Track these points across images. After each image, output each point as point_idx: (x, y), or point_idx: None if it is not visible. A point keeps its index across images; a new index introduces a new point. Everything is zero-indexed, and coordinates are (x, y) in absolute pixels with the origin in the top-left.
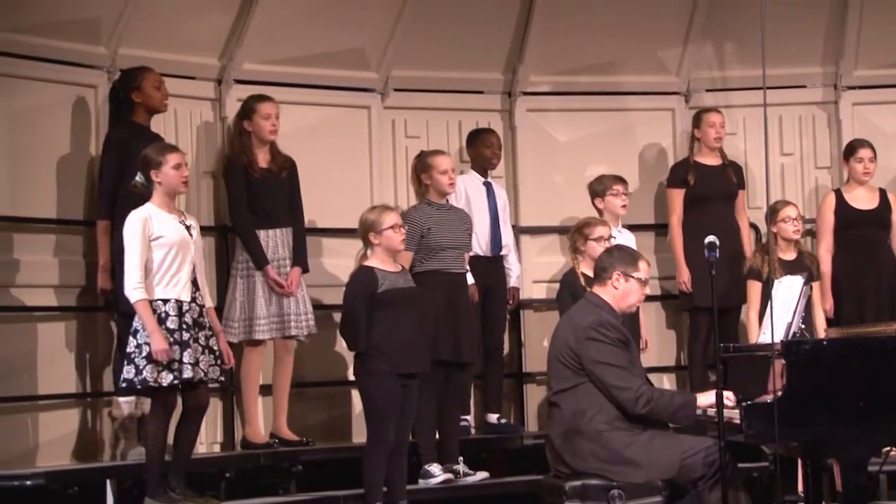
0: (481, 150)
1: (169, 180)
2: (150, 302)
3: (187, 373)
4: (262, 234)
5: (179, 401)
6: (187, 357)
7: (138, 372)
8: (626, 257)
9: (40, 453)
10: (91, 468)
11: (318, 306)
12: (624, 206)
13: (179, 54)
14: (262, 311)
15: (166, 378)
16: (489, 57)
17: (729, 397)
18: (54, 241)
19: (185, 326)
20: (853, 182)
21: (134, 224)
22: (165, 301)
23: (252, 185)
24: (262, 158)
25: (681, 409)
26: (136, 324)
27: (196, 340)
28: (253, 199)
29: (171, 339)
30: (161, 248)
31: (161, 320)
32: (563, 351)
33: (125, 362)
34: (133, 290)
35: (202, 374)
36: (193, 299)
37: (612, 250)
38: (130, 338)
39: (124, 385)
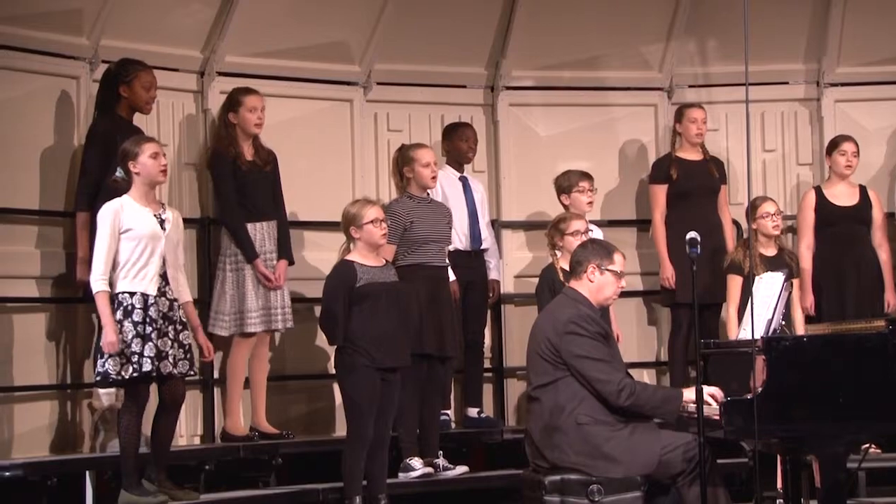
0: (457, 144)
1: (147, 170)
2: (115, 295)
3: (146, 366)
4: (249, 227)
5: (155, 394)
6: (148, 350)
7: (104, 363)
8: (600, 250)
9: (19, 444)
10: (70, 459)
11: (300, 299)
12: (590, 202)
13: (162, 46)
14: (253, 304)
15: (127, 370)
16: (472, 51)
17: (714, 395)
18: (36, 233)
19: (148, 320)
20: (834, 178)
21: (105, 216)
22: (132, 294)
23: (239, 178)
24: (247, 151)
25: (665, 404)
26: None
27: (164, 335)
28: (240, 192)
29: (135, 332)
30: (130, 241)
31: (127, 313)
32: (542, 345)
33: (98, 355)
34: (95, 280)
35: (171, 368)
36: (163, 293)
37: (586, 244)
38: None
39: (98, 378)
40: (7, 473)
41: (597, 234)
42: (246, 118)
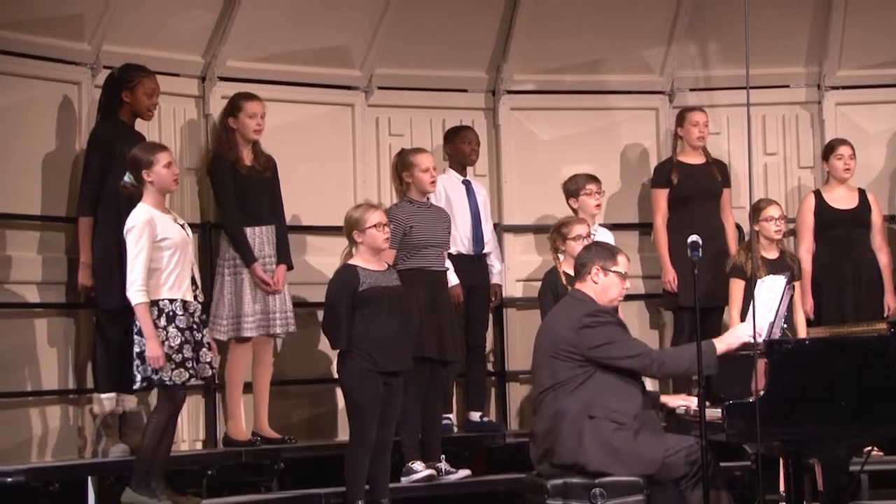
0: (460, 147)
1: (161, 179)
2: (158, 302)
3: (205, 372)
4: (248, 231)
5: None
6: (203, 356)
7: (154, 370)
8: (603, 252)
9: (21, 450)
10: (72, 465)
11: (302, 304)
12: (598, 205)
13: (163, 51)
14: (250, 309)
15: (180, 376)
16: (473, 55)
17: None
18: (38, 238)
19: (195, 326)
20: (833, 181)
21: (140, 226)
22: (172, 300)
23: (239, 183)
24: (247, 156)
25: (695, 361)
26: (139, 323)
27: (201, 338)
28: (240, 197)
29: (183, 338)
30: (167, 250)
31: (170, 319)
32: (555, 345)
33: (139, 362)
34: (136, 292)
35: (209, 372)
36: (195, 297)
37: (590, 247)
38: (137, 337)
39: (145, 384)
40: (9, 479)
41: (607, 236)
42: (245, 124)
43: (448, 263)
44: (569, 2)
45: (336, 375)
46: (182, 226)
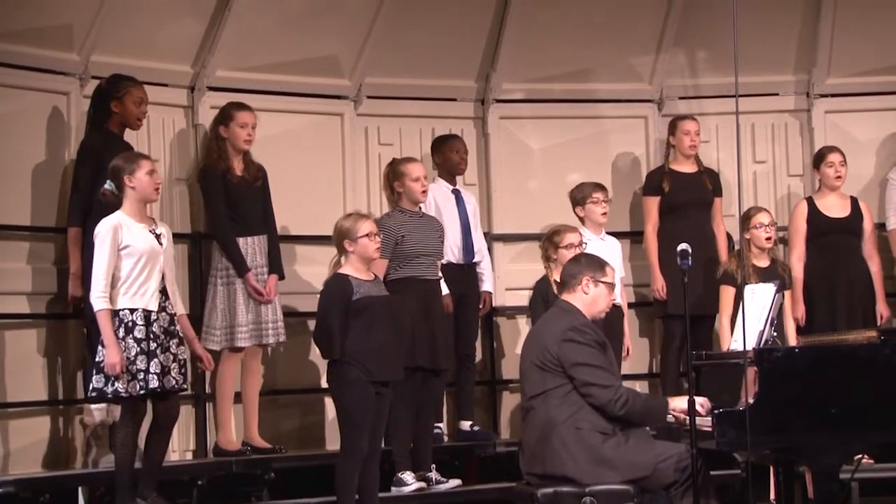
0: (449, 156)
1: (143, 187)
2: (117, 311)
3: (153, 382)
4: (240, 241)
5: (150, 408)
6: (154, 367)
7: (108, 382)
8: (593, 263)
9: (11, 461)
10: (62, 475)
11: (291, 314)
12: (604, 213)
13: (152, 61)
14: (243, 319)
15: (133, 388)
16: (462, 64)
17: (703, 404)
18: (27, 249)
19: (152, 336)
20: (825, 189)
21: (104, 232)
22: (133, 310)
23: (230, 192)
24: (237, 166)
25: (652, 412)
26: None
27: (166, 349)
28: (230, 206)
29: (139, 349)
30: (130, 258)
31: (128, 329)
32: (541, 355)
33: (94, 371)
34: (96, 298)
35: (173, 383)
36: (163, 308)
37: (578, 258)
38: (99, 347)
39: (94, 394)
40: None
41: (613, 245)
42: (236, 133)
43: (439, 273)
44: (557, 11)
45: (326, 385)
46: (158, 235)
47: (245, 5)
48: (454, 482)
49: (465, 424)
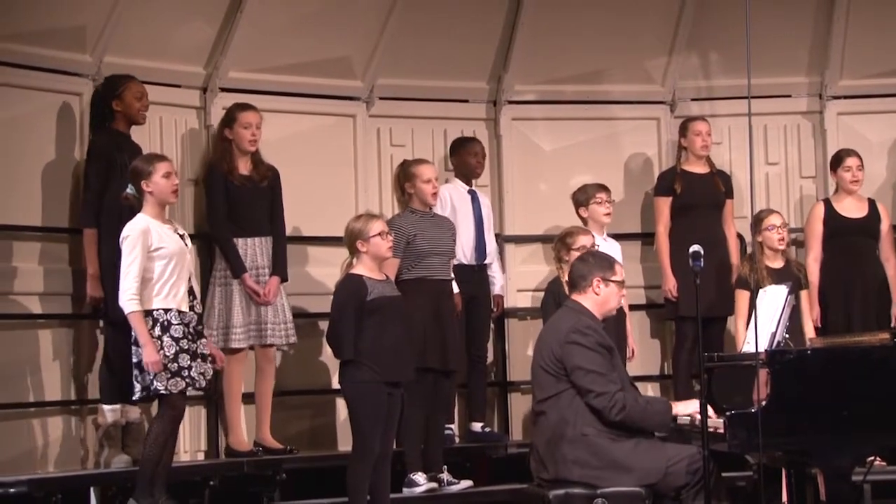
0: (466, 159)
1: (160, 189)
2: (152, 312)
3: (201, 382)
4: (239, 242)
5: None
6: (197, 367)
7: (152, 380)
8: (602, 263)
9: (24, 461)
10: (75, 475)
11: (302, 315)
12: (608, 214)
13: (165, 62)
14: (239, 320)
15: (177, 386)
16: (474, 66)
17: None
18: (39, 249)
19: (189, 336)
20: (842, 192)
21: (134, 236)
22: (167, 310)
23: (231, 193)
24: (244, 166)
25: (654, 417)
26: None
27: (197, 349)
28: (231, 207)
29: (179, 348)
30: (161, 260)
31: (165, 328)
32: (546, 358)
33: (137, 371)
34: (128, 301)
35: (204, 382)
36: (192, 307)
37: (586, 258)
38: (135, 347)
39: (144, 394)
40: (12, 490)
41: (614, 247)
42: (240, 134)
43: (451, 273)
44: (570, 12)
45: (338, 386)
46: (182, 236)
47: (257, 7)
48: (465, 483)
49: (477, 426)
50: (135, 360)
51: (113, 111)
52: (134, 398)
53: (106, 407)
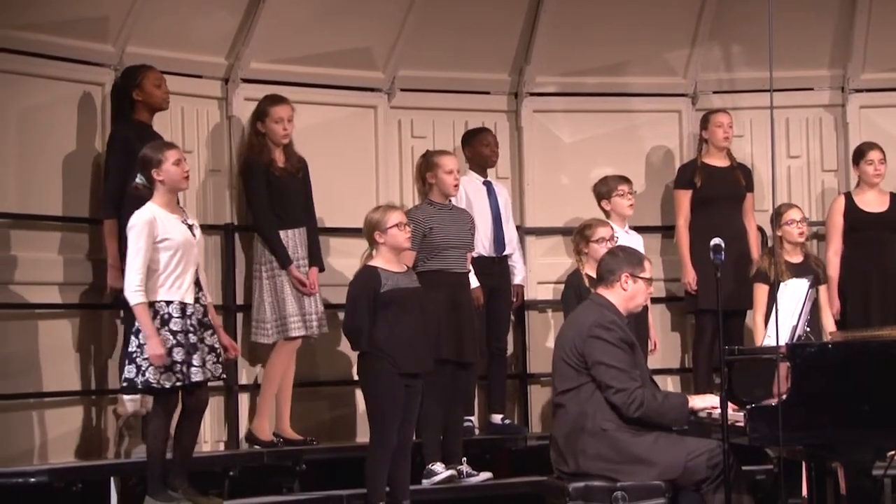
0: (479, 150)
1: (171, 177)
2: (153, 304)
3: (196, 376)
4: (282, 234)
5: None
6: (196, 360)
7: (140, 372)
8: (631, 258)
9: (44, 451)
10: (95, 465)
11: (324, 305)
12: (630, 205)
13: (186, 53)
14: (294, 309)
15: (169, 380)
16: (495, 57)
17: (716, 407)
18: (59, 239)
19: (191, 329)
20: (864, 185)
21: (139, 226)
22: (169, 303)
23: (273, 185)
24: (279, 158)
25: (671, 412)
26: (137, 324)
27: (202, 341)
28: (275, 199)
29: (175, 341)
30: (167, 251)
31: (164, 322)
32: (568, 351)
33: (126, 361)
34: (133, 292)
35: (209, 375)
36: (197, 300)
37: (616, 252)
38: (132, 337)
39: (126, 384)
40: (32, 479)
41: (637, 239)
42: (272, 129)
43: (468, 266)
44: (592, 4)
45: (356, 377)
46: (191, 226)
47: None
48: (485, 475)
49: (497, 418)
50: (129, 350)
51: (134, 101)
52: (122, 385)
53: (126, 397)
